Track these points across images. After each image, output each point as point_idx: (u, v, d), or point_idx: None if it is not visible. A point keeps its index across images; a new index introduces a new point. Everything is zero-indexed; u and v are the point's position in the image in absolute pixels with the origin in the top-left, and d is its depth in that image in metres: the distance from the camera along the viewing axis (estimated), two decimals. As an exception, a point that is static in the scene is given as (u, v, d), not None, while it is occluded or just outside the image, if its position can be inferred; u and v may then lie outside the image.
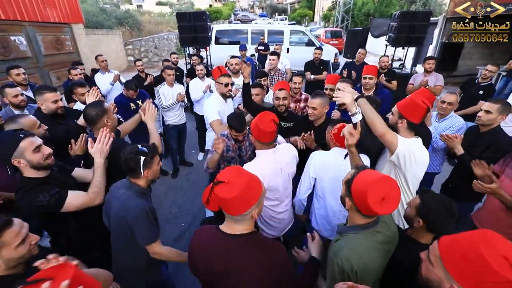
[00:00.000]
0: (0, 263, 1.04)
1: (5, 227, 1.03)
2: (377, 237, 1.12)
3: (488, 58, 8.81)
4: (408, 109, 1.69)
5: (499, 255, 0.71)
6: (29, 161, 1.43)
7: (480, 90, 3.89)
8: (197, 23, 5.76)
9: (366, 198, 1.02)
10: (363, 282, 0.99)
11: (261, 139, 1.69)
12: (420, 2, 17.73)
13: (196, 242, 1.15)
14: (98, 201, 1.59)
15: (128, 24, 14.17)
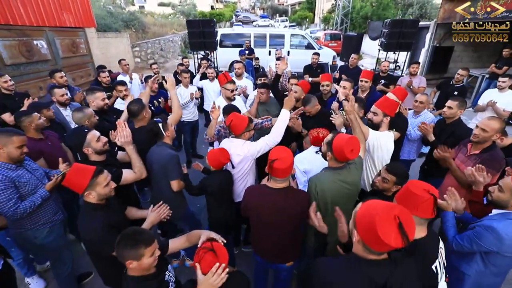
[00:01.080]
0: (95, 194, 1.63)
1: (100, 172, 1.63)
2: (338, 176, 1.76)
3: (477, 61, 9.34)
4: (388, 108, 2.26)
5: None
6: (94, 148, 2.01)
7: (455, 91, 4.42)
8: (205, 29, 6.32)
9: (343, 148, 1.62)
10: (321, 199, 1.72)
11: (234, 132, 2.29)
12: (417, 6, 18.24)
13: (250, 195, 1.83)
14: (144, 175, 2.16)
15: (134, 27, 14.72)
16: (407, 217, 0.95)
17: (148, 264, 1.29)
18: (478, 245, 1.56)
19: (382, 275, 1.00)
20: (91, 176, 1.58)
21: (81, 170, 1.62)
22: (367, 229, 0.96)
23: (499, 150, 2.16)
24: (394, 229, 0.91)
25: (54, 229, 2.16)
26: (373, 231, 0.93)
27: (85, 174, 1.59)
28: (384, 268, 1.02)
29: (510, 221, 1.49)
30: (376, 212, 0.95)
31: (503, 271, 1.67)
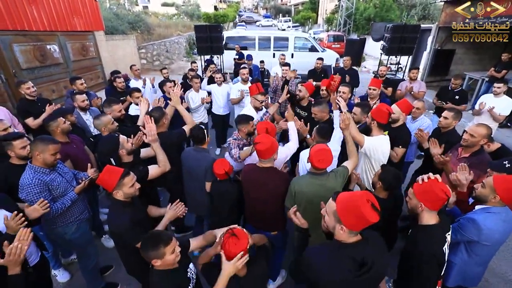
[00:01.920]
0: (122, 193, 1.85)
1: (126, 175, 1.85)
2: (316, 180, 1.98)
3: (478, 63, 9.46)
4: (377, 114, 2.48)
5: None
6: (126, 149, 2.25)
7: (456, 96, 4.59)
8: (213, 34, 6.53)
9: (312, 157, 1.92)
10: (297, 199, 1.99)
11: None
12: (420, 7, 18.30)
13: (244, 172, 2.29)
14: (168, 168, 2.40)
15: (140, 28, 14.98)
16: (373, 199, 1.28)
17: (171, 260, 1.49)
18: (461, 235, 1.78)
19: (359, 253, 1.28)
20: (119, 177, 1.81)
21: (111, 171, 1.84)
22: (353, 215, 1.24)
23: (486, 154, 2.37)
24: (370, 209, 1.23)
25: (81, 226, 2.38)
26: (358, 214, 1.22)
27: (115, 175, 1.81)
28: (361, 248, 1.31)
29: (488, 214, 1.71)
30: (356, 200, 1.26)
31: (484, 260, 1.87)
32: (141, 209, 2.09)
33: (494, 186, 1.67)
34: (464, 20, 7.48)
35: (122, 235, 1.86)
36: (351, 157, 2.23)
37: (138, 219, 1.92)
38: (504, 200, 1.67)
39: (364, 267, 1.25)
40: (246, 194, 2.33)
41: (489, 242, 1.73)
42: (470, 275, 1.93)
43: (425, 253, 1.50)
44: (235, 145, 2.74)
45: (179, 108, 2.87)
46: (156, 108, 2.79)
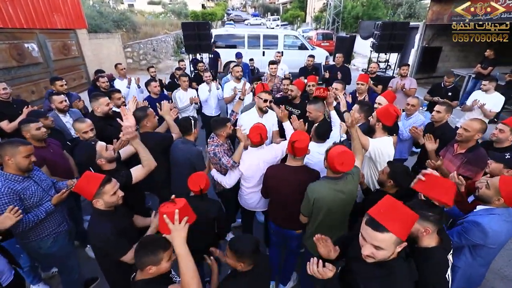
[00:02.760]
0: (102, 203, 1.67)
1: (107, 182, 1.67)
2: (334, 186, 1.85)
3: (464, 60, 9.66)
4: (383, 115, 2.36)
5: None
6: (106, 158, 2.05)
7: (449, 92, 4.60)
8: (201, 31, 6.34)
9: (333, 160, 1.73)
10: (316, 206, 1.86)
11: (251, 143, 2.40)
12: (406, 5, 18.58)
13: (271, 171, 2.19)
14: (153, 166, 2.14)
15: (126, 27, 14.54)
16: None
17: (165, 268, 1.37)
18: (466, 239, 1.70)
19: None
20: (99, 184, 1.64)
21: (90, 178, 1.67)
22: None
23: (482, 150, 2.32)
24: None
25: (58, 239, 2.18)
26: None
27: (94, 183, 1.64)
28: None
29: (492, 216, 1.64)
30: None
31: (488, 261, 1.82)
32: (126, 218, 1.92)
33: (500, 188, 1.60)
34: (450, 20, 7.58)
35: (104, 248, 1.70)
36: (358, 154, 2.11)
37: (122, 229, 1.75)
38: (508, 202, 1.60)
39: None
40: (274, 194, 2.24)
41: (495, 244, 1.67)
42: (474, 277, 1.88)
43: (430, 282, 1.30)
44: (222, 153, 2.51)
45: (167, 118, 2.70)
46: (141, 107, 2.61)
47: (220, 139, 2.57)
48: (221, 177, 2.61)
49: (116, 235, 1.67)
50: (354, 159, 1.76)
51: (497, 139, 2.49)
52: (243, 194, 2.62)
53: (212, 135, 2.63)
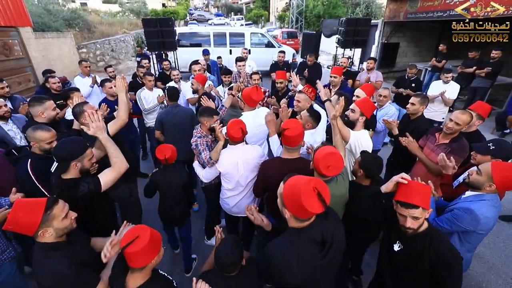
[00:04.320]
0: (52, 231, 1.32)
1: (54, 203, 1.34)
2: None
3: (418, 55, 10.40)
4: (366, 107, 2.34)
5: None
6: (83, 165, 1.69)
7: (412, 84, 4.85)
8: (164, 28, 5.96)
9: (318, 164, 1.54)
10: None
11: (230, 139, 2.19)
12: (363, 5, 19.64)
13: (266, 165, 2.05)
14: (124, 167, 1.79)
15: (78, 26, 13.35)
16: (323, 187, 1.19)
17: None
18: (457, 226, 1.70)
19: (317, 233, 1.24)
20: (43, 210, 1.28)
21: (28, 205, 1.29)
22: (295, 204, 1.17)
23: (464, 140, 2.34)
24: (315, 198, 1.14)
25: (4, 269, 1.83)
26: (299, 204, 1.13)
27: (35, 209, 1.27)
28: (317, 227, 1.25)
29: (483, 202, 1.64)
30: (299, 188, 1.15)
31: (474, 246, 1.85)
32: (83, 247, 1.54)
33: (492, 174, 1.58)
34: (406, 17, 8.08)
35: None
36: (340, 150, 2.00)
37: (82, 260, 1.40)
38: (500, 188, 1.61)
39: (325, 245, 1.22)
40: (271, 190, 1.96)
41: (485, 230, 1.68)
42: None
43: (458, 258, 1.38)
44: (204, 146, 2.36)
45: (121, 96, 2.19)
46: (80, 103, 2.27)
47: (202, 128, 2.44)
48: (200, 169, 2.44)
49: (75, 268, 1.33)
50: (343, 162, 1.58)
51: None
52: (223, 196, 2.44)
53: (197, 126, 2.53)
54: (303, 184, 1.15)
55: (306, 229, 1.24)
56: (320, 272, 1.23)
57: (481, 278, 2.73)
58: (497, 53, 5.57)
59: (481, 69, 5.76)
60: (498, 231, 3.29)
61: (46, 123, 2.45)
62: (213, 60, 6.28)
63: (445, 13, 6.78)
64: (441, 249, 1.37)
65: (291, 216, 1.23)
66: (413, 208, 1.35)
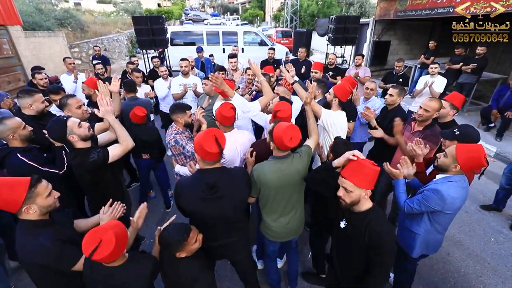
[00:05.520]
0: (36, 208, 1.39)
1: (38, 181, 1.41)
2: (280, 165, 1.80)
3: (410, 52, 10.51)
4: (340, 91, 2.49)
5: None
6: (78, 135, 1.85)
7: (400, 79, 4.93)
8: (154, 26, 5.97)
9: (281, 137, 1.66)
10: (264, 187, 1.83)
11: (223, 123, 2.19)
12: (357, 5, 19.77)
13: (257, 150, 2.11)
14: (131, 145, 2.04)
15: (71, 25, 13.27)
16: (220, 135, 1.58)
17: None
18: (426, 206, 1.77)
19: (212, 177, 1.59)
20: (27, 187, 1.34)
21: (10, 183, 1.34)
22: (199, 148, 1.54)
23: (437, 127, 2.46)
24: (213, 143, 1.52)
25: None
26: (201, 147, 1.52)
27: (19, 186, 1.34)
28: (214, 173, 1.61)
29: (450, 183, 1.72)
30: (201, 135, 1.55)
31: (444, 228, 1.91)
32: (67, 227, 1.60)
33: (456, 156, 1.67)
34: (396, 14, 8.18)
35: (45, 263, 1.39)
36: (313, 134, 2.13)
37: (65, 237, 1.46)
38: (464, 168, 1.68)
39: (213, 189, 1.57)
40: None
41: (452, 210, 1.75)
42: (432, 243, 1.96)
43: (390, 242, 1.40)
44: (185, 140, 2.39)
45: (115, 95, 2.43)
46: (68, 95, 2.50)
47: (178, 125, 2.45)
48: (187, 170, 2.40)
49: (61, 243, 1.40)
50: (300, 134, 1.73)
51: (439, 115, 2.66)
52: None
53: (172, 124, 2.53)
54: (204, 132, 1.56)
55: (204, 171, 1.62)
56: (207, 206, 1.61)
57: (460, 264, 2.80)
58: (482, 50, 5.67)
59: (467, 65, 5.86)
60: (479, 220, 3.38)
61: (34, 115, 2.49)
62: (207, 58, 6.30)
63: (432, 10, 6.88)
64: (376, 230, 1.39)
65: (200, 160, 1.61)
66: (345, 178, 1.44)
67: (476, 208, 3.59)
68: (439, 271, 2.72)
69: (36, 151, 2.18)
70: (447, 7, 6.37)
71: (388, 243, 1.39)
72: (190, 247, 1.49)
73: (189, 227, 1.52)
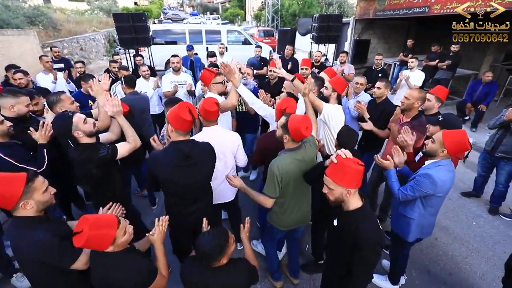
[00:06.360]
0: (33, 204, 1.35)
1: (35, 176, 1.38)
2: (296, 156, 1.85)
3: (388, 51, 10.93)
4: (337, 85, 2.61)
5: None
6: (83, 131, 1.82)
7: (379, 74, 5.14)
8: (137, 23, 5.79)
9: (299, 128, 1.71)
10: (285, 180, 1.83)
11: (206, 117, 2.13)
12: (336, 5, 20.29)
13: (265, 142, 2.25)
14: (138, 144, 2.08)
15: (42, 23, 12.56)
16: (192, 107, 1.73)
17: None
18: (419, 191, 1.87)
19: (186, 147, 1.75)
20: (24, 182, 1.30)
21: (8, 178, 1.30)
22: (174, 119, 1.69)
23: (424, 117, 2.60)
24: (187, 112, 1.68)
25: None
26: (177, 117, 1.67)
27: (16, 181, 1.30)
28: (188, 144, 1.77)
29: (439, 167, 1.83)
30: (176, 107, 1.70)
31: (436, 210, 2.03)
32: (62, 225, 1.55)
33: (443, 140, 1.80)
34: (375, 13, 8.48)
35: (45, 258, 1.34)
36: (313, 124, 2.15)
37: (64, 233, 1.42)
38: (450, 152, 1.81)
39: (188, 157, 1.73)
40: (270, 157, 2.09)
41: (442, 192, 1.86)
42: (426, 227, 2.07)
43: (370, 241, 1.37)
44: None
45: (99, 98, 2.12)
46: (57, 92, 2.43)
47: None
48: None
49: (58, 239, 1.35)
50: (311, 122, 1.82)
51: (425, 107, 2.81)
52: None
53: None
54: (179, 104, 1.73)
55: (179, 142, 1.76)
56: (181, 173, 1.75)
57: (447, 247, 2.97)
58: (456, 47, 6.04)
59: (443, 62, 6.21)
60: (461, 206, 3.60)
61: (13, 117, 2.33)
62: (197, 57, 6.18)
63: (409, 10, 7.20)
64: (361, 229, 1.38)
65: (173, 131, 1.73)
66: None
67: (457, 195, 3.81)
68: (429, 255, 2.87)
69: (17, 147, 2.14)
70: (423, 7, 6.69)
71: (371, 242, 1.37)
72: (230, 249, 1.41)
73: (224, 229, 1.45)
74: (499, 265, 2.67)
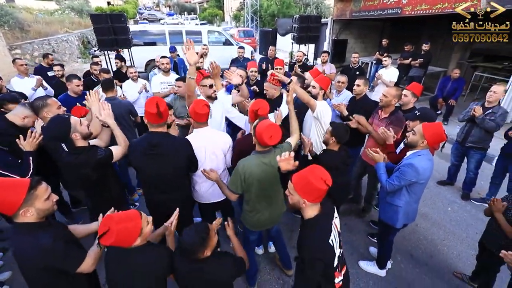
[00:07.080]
0: (34, 211, 1.33)
1: (38, 183, 1.36)
2: (263, 159, 1.90)
3: (365, 50, 11.39)
4: (322, 82, 2.76)
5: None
6: (80, 133, 1.83)
7: (356, 71, 5.42)
8: (116, 24, 5.65)
9: (262, 134, 1.76)
10: (248, 180, 1.88)
11: (197, 119, 2.16)
12: (313, 5, 20.77)
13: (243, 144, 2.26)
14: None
15: (8, 24, 11.81)
16: (161, 101, 1.85)
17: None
18: (404, 180, 2.03)
19: (155, 138, 1.90)
20: (26, 189, 1.28)
21: (10, 183, 1.28)
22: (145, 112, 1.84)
23: (400, 112, 2.82)
24: (154, 105, 1.80)
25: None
26: (146, 111, 1.83)
27: (18, 188, 1.27)
28: (158, 136, 1.92)
29: (420, 156, 2.01)
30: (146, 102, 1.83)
31: (419, 197, 2.21)
32: (64, 230, 1.53)
33: (423, 132, 1.97)
34: (352, 14, 8.82)
35: (49, 263, 1.32)
36: (294, 133, 2.26)
37: (66, 237, 1.43)
38: (430, 143, 1.99)
39: (154, 147, 1.88)
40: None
41: (424, 179, 2.04)
42: (411, 212, 2.24)
43: (308, 253, 1.36)
44: None
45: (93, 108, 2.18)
46: (41, 96, 2.42)
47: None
48: None
49: (62, 243, 1.35)
50: (281, 132, 1.81)
51: (403, 102, 3.01)
52: (194, 185, 2.39)
53: None
54: (149, 99, 1.84)
55: (151, 132, 1.93)
56: (147, 161, 1.93)
57: (427, 232, 3.22)
58: (427, 46, 6.46)
59: (416, 60, 6.62)
60: (437, 194, 3.88)
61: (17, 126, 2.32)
62: (181, 58, 6.11)
63: (383, 11, 7.57)
64: (300, 239, 1.42)
65: (147, 123, 1.90)
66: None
67: (434, 184, 4.11)
68: (411, 241, 3.08)
69: (2, 153, 2.17)
70: (395, 8, 7.08)
71: (308, 255, 1.35)
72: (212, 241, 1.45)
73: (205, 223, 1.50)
74: (472, 245, 2.93)
